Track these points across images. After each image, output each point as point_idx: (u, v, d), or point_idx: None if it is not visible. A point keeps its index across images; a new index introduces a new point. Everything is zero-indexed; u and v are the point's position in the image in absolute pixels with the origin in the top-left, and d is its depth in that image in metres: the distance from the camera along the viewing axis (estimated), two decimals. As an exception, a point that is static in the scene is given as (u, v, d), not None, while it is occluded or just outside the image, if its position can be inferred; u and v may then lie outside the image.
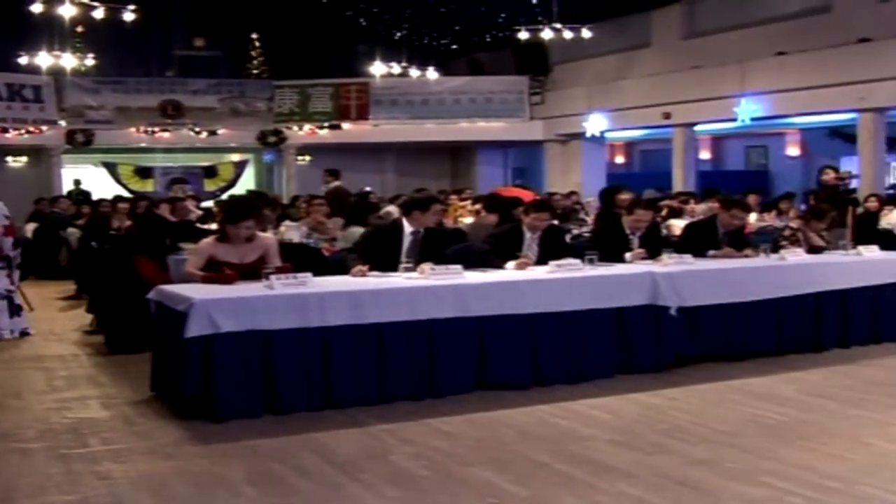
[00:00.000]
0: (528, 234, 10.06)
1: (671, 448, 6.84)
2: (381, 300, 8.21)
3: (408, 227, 9.51)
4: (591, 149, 28.87)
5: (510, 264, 9.50)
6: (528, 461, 6.56)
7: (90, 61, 27.78)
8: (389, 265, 9.04)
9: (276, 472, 6.40)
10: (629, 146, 34.85)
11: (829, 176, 15.30)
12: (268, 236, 9.61)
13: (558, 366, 8.86)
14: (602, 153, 29.85)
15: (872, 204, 16.02)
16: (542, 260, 9.76)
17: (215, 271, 8.57)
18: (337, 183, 18.70)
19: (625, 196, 12.31)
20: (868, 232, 13.95)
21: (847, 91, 20.35)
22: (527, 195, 16.80)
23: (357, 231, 12.20)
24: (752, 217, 15.98)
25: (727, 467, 6.36)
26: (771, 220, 15.54)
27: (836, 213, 13.01)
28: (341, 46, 30.89)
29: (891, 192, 21.02)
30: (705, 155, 31.74)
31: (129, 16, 22.01)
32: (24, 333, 9.45)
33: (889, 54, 19.77)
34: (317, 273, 8.66)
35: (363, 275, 8.84)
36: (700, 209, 15.47)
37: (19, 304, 8.52)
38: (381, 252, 9.18)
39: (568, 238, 12.52)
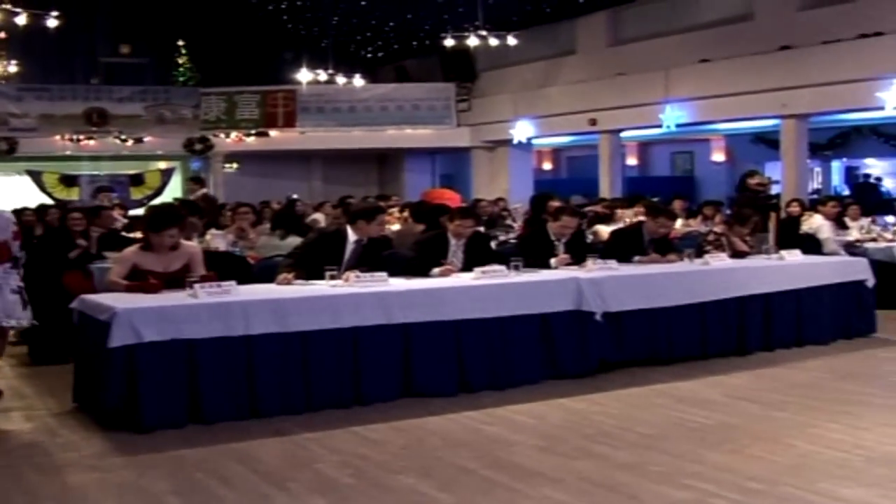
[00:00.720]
0: (453, 241, 10.06)
1: (596, 452, 6.87)
2: (305, 308, 8.18)
3: (352, 236, 9.47)
4: (518, 155, 29.02)
5: (435, 271, 9.50)
6: (454, 467, 6.56)
7: (13, 68, 27.51)
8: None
9: (201, 482, 6.35)
10: (556, 152, 35.10)
11: (752, 181, 15.42)
12: (192, 245, 9.53)
13: (484, 372, 8.86)
14: (529, 160, 30.00)
15: (795, 209, 16.20)
16: (467, 266, 9.76)
17: (139, 280, 8.49)
18: (203, 190, 18.84)
19: (556, 203, 12.35)
20: (791, 236, 14.10)
21: (769, 98, 20.61)
22: (453, 197, 16.87)
23: (277, 239, 12.11)
24: (678, 222, 16.11)
25: (651, 471, 6.39)
26: (696, 225, 15.67)
27: (758, 219, 13.15)
28: (268, 54, 30.79)
29: (814, 196, 21.28)
30: (632, 161, 32.08)
31: (52, 22, 21.64)
32: (32, 324, 9.59)
33: (810, 61, 20.05)
34: (242, 281, 8.61)
35: (288, 283, 8.80)
36: (629, 215, 15.55)
37: (26, 298, 8.78)
38: (322, 259, 9.11)
39: (494, 244, 12.57)
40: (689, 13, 24.72)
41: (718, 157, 30.29)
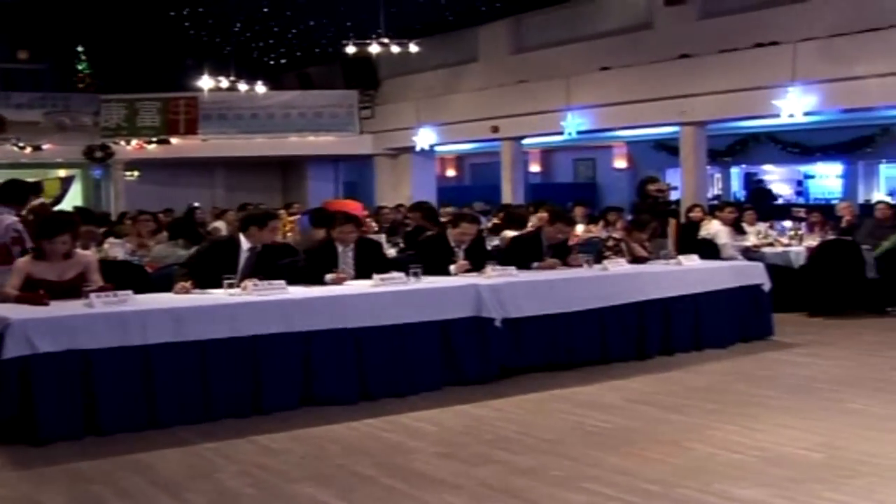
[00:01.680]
0: (340, 248, 10.04)
1: (496, 458, 6.88)
2: (204, 317, 8.10)
3: (245, 244, 9.39)
4: (421, 162, 29.09)
5: (328, 278, 9.46)
6: (353, 476, 6.53)
7: None
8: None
9: (98, 494, 6.25)
10: (460, 159, 35.22)
11: (651, 188, 15.56)
12: (87, 253, 9.39)
13: (385, 379, 8.82)
14: (432, 167, 30.07)
15: (697, 214, 16.37)
16: (359, 273, 9.79)
17: (33, 290, 8.32)
18: (39, 200, 18.65)
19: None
20: (690, 242, 14.26)
21: (669, 105, 20.88)
22: (356, 207, 16.78)
23: (181, 248, 11.99)
24: (580, 228, 16.22)
25: (551, 475, 6.43)
26: (598, 231, 15.77)
27: (656, 224, 13.29)
28: (170, 60, 30.42)
29: (714, 202, 21.56)
30: (535, 168, 32.27)
31: (-53, 28, 21.35)
32: None
33: (708, 70, 20.35)
34: (140, 290, 8.51)
35: (187, 291, 8.72)
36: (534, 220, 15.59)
37: None
38: (216, 268, 9.01)
39: (395, 251, 12.58)
40: (590, 21, 24.91)
41: (620, 163, 30.60)
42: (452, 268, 10.22)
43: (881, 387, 9.08)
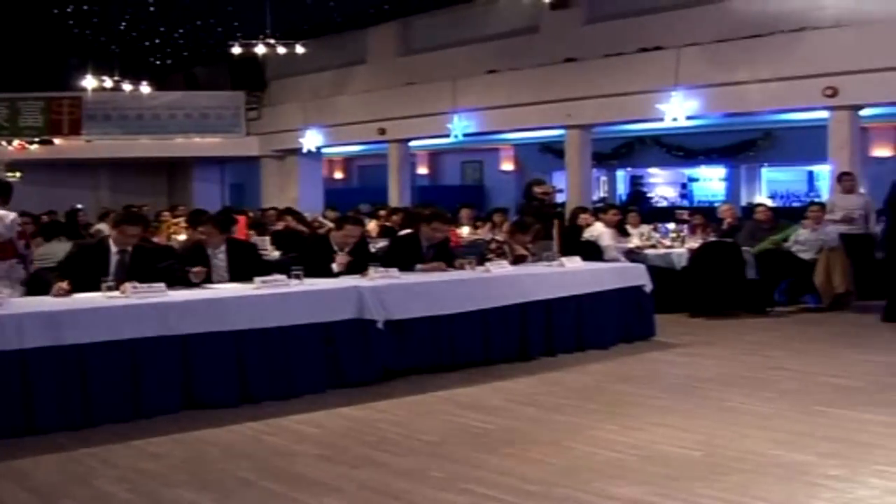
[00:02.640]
0: (209, 250, 10.00)
1: (378, 460, 6.86)
2: (81, 321, 7.93)
3: (114, 247, 9.27)
4: (308, 164, 29.06)
5: (192, 271, 9.43)
6: (233, 479, 6.47)
7: None
8: (97, 285, 8.73)
9: (-31, 502, 6.13)
10: (348, 161, 35.17)
11: (537, 190, 15.68)
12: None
13: (267, 382, 8.74)
14: (318, 169, 30.04)
15: (585, 215, 16.44)
16: (233, 276, 9.80)
17: None
18: None
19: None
20: (573, 243, 14.38)
21: (554, 108, 21.12)
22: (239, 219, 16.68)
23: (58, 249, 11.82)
24: (465, 231, 16.29)
25: (432, 477, 6.42)
26: (485, 233, 15.85)
27: (540, 226, 13.38)
28: (53, 58, 29.92)
29: (599, 205, 21.77)
30: (423, 170, 32.32)
31: None
32: None
33: (593, 73, 20.62)
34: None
35: (66, 293, 8.56)
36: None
37: None
38: (87, 271, 8.88)
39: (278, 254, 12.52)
40: (477, 25, 25.04)
41: (507, 166, 30.77)
42: (334, 265, 10.26)
43: (759, 385, 9.22)
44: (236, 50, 23.06)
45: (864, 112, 17.86)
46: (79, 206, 22.70)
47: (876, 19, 16.90)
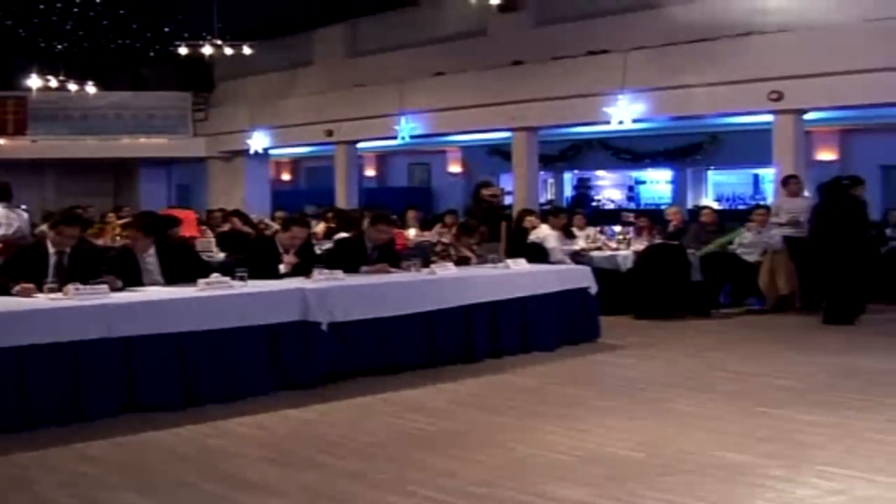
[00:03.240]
0: (138, 254, 9.92)
1: (322, 462, 6.85)
2: (21, 322, 7.83)
3: (52, 247, 9.19)
4: (255, 166, 28.96)
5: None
6: (175, 483, 6.43)
7: None
8: (37, 287, 8.66)
9: None
10: (295, 163, 35.11)
11: (485, 192, 15.70)
12: None
13: (210, 385, 8.68)
14: (265, 170, 29.94)
15: (531, 218, 16.43)
16: (168, 276, 9.73)
17: None
18: None
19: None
20: (519, 245, 14.40)
21: (501, 111, 21.13)
22: (187, 215, 16.62)
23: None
24: (412, 233, 16.30)
25: (376, 479, 6.41)
26: (432, 235, 15.84)
27: (486, 228, 13.40)
28: (-3, 58, 29.70)
29: (546, 207, 21.83)
30: (370, 172, 32.30)
31: None
32: None
33: (540, 76, 20.65)
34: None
35: (29, 294, 8.49)
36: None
37: None
38: (25, 273, 8.79)
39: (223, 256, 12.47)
40: (425, 27, 25.00)
41: (455, 168, 30.78)
42: (282, 266, 10.25)
43: (702, 387, 9.30)
44: (183, 50, 22.94)
45: (809, 116, 17.98)
46: (23, 206, 22.42)
47: (820, 25, 17.03)
